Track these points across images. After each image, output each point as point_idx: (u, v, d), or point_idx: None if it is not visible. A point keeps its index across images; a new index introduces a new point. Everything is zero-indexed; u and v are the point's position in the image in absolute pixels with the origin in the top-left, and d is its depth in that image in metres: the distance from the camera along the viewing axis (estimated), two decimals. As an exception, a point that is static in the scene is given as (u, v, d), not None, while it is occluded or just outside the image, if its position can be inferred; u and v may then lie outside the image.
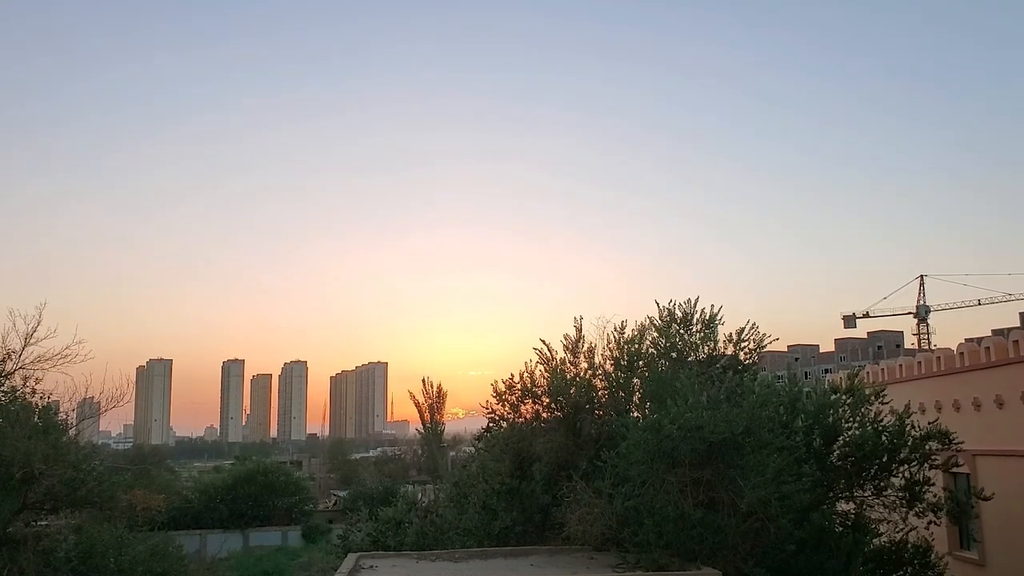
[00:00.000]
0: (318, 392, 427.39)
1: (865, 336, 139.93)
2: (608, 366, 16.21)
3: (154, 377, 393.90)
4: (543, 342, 16.33)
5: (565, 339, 16.52)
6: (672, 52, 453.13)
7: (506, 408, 16.41)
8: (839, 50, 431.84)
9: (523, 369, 16.23)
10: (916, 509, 14.60)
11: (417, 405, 77.65)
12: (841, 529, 14.00)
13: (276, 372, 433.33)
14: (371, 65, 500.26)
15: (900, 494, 14.54)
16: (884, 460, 14.39)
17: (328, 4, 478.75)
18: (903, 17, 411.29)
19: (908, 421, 14.73)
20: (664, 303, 16.36)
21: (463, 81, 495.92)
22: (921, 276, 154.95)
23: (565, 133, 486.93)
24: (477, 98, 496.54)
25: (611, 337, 16.36)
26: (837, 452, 14.46)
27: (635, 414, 15.15)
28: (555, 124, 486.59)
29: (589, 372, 16.19)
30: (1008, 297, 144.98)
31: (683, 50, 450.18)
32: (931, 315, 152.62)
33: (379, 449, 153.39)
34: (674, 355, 15.73)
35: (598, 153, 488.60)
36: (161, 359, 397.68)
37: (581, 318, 16.64)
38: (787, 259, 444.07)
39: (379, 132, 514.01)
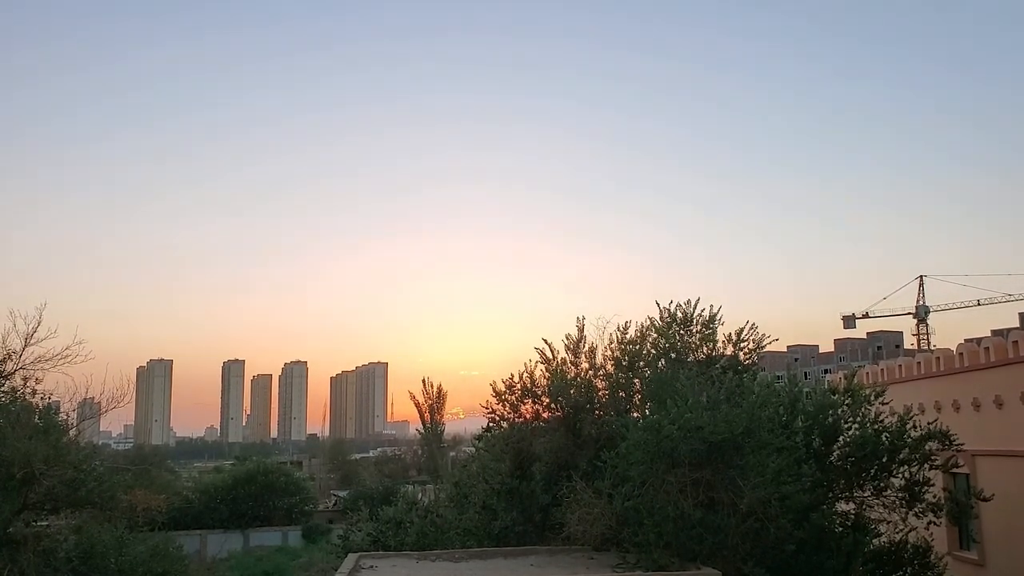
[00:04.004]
0: (318, 392, 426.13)
1: (865, 336, 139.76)
2: (609, 366, 16.22)
3: (154, 377, 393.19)
4: (545, 342, 16.38)
5: (567, 339, 16.56)
6: (673, 46, 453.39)
7: (506, 408, 16.43)
8: (838, 50, 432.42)
9: (523, 369, 16.29)
10: (916, 509, 14.63)
11: (417, 405, 77.72)
12: (841, 529, 14.01)
13: (276, 372, 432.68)
14: (367, 63, 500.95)
15: (900, 494, 14.57)
16: (884, 460, 14.42)
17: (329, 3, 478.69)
18: (903, 18, 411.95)
19: (908, 421, 14.76)
20: (664, 303, 16.43)
21: (461, 79, 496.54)
22: (921, 276, 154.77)
23: (564, 131, 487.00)
24: (476, 96, 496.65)
25: (613, 337, 16.42)
26: (837, 452, 14.49)
27: (635, 414, 15.18)
28: (554, 122, 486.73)
29: (590, 372, 16.20)
30: (1008, 297, 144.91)
31: (683, 44, 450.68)
32: (931, 315, 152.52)
33: (379, 449, 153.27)
34: (674, 355, 15.75)
35: (597, 152, 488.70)
36: (161, 359, 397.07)
37: (583, 318, 16.70)
38: (787, 259, 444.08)
39: (378, 132, 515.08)
